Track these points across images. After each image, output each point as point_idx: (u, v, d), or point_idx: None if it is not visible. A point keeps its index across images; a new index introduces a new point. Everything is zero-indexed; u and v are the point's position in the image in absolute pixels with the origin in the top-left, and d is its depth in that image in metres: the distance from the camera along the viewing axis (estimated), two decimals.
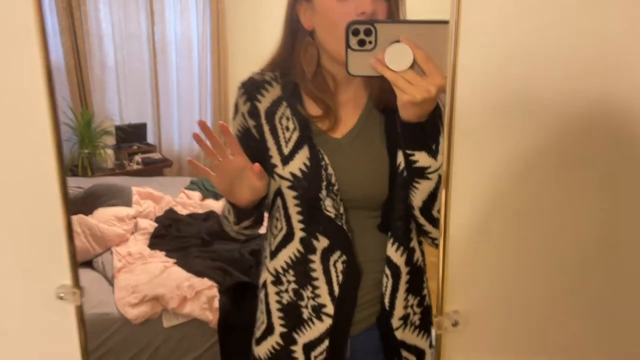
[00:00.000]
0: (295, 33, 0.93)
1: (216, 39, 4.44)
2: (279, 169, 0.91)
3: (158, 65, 4.34)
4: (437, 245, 0.96)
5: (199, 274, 2.04)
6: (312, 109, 0.94)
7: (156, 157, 4.21)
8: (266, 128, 0.95)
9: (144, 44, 4.30)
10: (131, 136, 4.19)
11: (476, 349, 0.68)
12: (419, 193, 0.88)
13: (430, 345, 0.90)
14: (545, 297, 0.70)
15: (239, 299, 1.97)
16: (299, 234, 0.93)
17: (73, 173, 3.54)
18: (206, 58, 4.48)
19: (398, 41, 0.76)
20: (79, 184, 2.82)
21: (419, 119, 0.81)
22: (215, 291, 1.95)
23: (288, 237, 0.95)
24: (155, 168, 4.15)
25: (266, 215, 1.03)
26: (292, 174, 0.90)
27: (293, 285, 0.96)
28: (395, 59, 0.77)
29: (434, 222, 0.91)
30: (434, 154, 0.85)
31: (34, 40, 0.63)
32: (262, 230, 1.06)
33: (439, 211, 0.86)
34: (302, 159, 0.90)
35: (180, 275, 2.02)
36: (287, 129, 0.94)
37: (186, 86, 4.50)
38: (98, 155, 3.81)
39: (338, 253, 0.92)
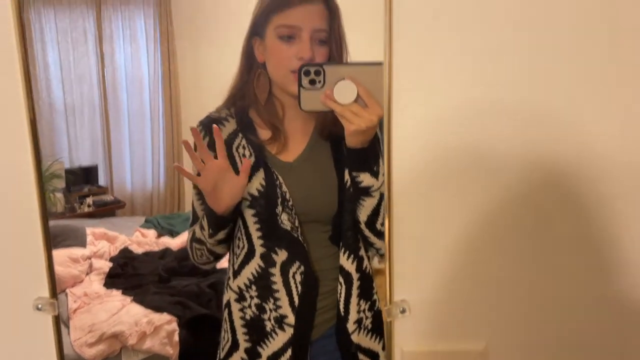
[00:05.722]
0: (250, 64, 1.07)
1: (168, 79, 4.49)
2: None
3: (109, 107, 4.33)
4: (381, 256, 1.06)
5: (158, 309, 2.04)
6: (264, 134, 1.07)
7: (108, 199, 4.14)
8: None
9: (94, 86, 4.29)
10: (82, 179, 4.12)
11: (422, 333, 0.75)
12: (364, 209, 0.99)
13: (383, 347, 0.98)
14: (481, 287, 0.79)
15: (199, 332, 1.98)
16: (259, 249, 1.02)
17: None
18: (158, 99, 4.51)
19: (343, 79, 0.90)
20: None
21: (362, 144, 0.94)
22: (174, 325, 1.96)
23: (249, 254, 1.04)
24: (107, 210, 4.08)
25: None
26: (251, 194, 1.00)
27: (256, 300, 1.03)
28: (342, 94, 0.90)
29: (379, 235, 1.02)
30: (375, 174, 0.97)
31: None
32: (220, 264, 1.14)
33: (382, 224, 0.98)
34: (258, 180, 1.01)
35: (139, 312, 2.02)
36: (244, 155, 1.05)
37: (138, 127, 4.49)
38: (47, 200, 3.73)
39: (297, 264, 1.01)
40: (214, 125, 0.95)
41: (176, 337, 1.90)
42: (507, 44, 0.78)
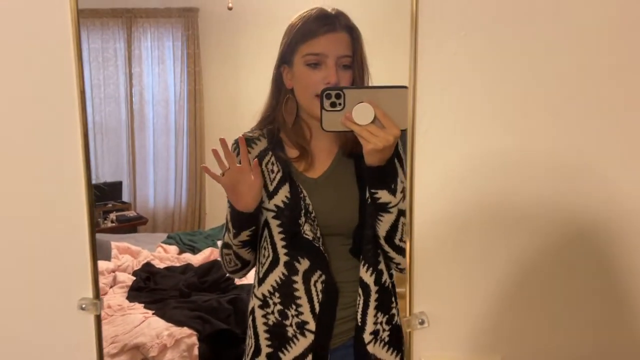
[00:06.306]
0: (280, 89, 1.15)
1: (193, 100, 4.60)
2: (265, 203, 1.08)
3: (135, 125, 4.45)
4: (401, 270, 1.11)
5: (179, 323, 2.08)
6: (292, 153, 1.13)
7: (131, 215, 4.23)
8: None
9: (122, 105, 4.41)
10: (106, 194, 4.22)
11: (440, 345, 0.78)
12: (383, 225, 1.05)
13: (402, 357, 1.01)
14: (498, 302, 0.81)
15: (218, 346, 2.02)
16: (283, 258, 1.08)
17: None
18: (183, 119, 4.62)
19: (362, 102, 0.95)
20: None
21: (380, 162, 1.01)
22: (194, 339, 1.99)
23: (274, 263, 1.10)
24: (130, 225, 4.17)
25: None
26: (276, 206, 1.07)
27: (278, 307, 1.08)
28: (360, 115, 0.96)
29: (397, 250, 1.08)
30: (393, 191, 1.03)
31: None
32: (240, 281, 1.19)
33: (400, 239, 1.02)
34: (284, 193, 1.07)
35: (160, 325, 2.07)
36: (272, 171, 1.12)
37: (162, 146, 4.59)
38: None
39: (318, 273, 1.07)
40: (240, 136, 1.06)
41: (195, 351, 1.94)
42: (533, 92, 0.81)
